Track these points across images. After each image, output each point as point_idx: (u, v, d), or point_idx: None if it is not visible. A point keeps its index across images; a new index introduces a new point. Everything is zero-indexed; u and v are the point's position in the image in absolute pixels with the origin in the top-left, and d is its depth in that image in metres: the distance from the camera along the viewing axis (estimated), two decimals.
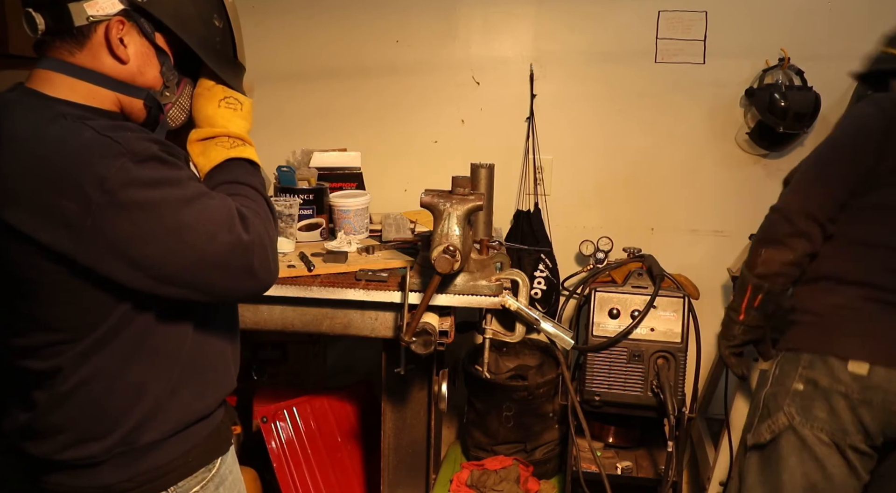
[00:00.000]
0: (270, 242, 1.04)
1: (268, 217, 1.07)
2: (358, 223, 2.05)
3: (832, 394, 1.40)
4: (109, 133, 0.90)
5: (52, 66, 0.98)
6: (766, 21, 2.31)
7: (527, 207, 2.49)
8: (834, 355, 1.41)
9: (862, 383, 1.37)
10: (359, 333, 1.73)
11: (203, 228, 0.94)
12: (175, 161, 0.96)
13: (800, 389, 1.44)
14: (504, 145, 2.50)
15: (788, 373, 1.47)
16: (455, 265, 1.45)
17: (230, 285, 1.00)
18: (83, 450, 1.00)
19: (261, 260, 1.00)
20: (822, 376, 1.41)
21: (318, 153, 2.29)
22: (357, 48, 2.55)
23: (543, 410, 2.27)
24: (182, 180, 0.95)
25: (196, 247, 0.94)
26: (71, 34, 0.97)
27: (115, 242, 0.89)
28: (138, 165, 0.89)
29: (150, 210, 0.90)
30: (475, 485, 2.14)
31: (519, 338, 1.65)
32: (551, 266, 2.44)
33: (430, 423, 1.85)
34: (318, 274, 1.74)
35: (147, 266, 0.92)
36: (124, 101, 1.04)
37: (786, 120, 2.18)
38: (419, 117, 2.56)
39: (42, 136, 0.89)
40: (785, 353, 1.51)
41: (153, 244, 0.91)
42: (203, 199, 0.97)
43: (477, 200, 1.49)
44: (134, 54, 1.01)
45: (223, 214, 0.98)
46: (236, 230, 0.98)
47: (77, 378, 0.97)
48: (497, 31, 2.48)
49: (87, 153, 0.88)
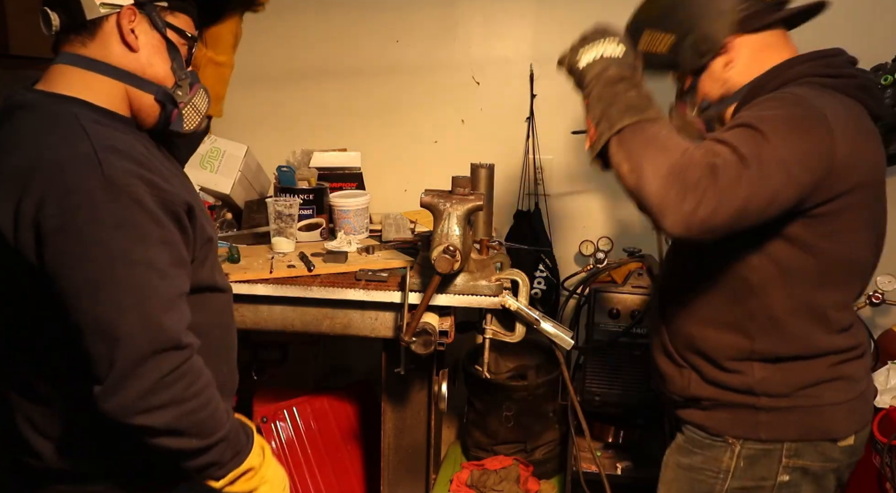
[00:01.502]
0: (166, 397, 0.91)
1: (190, 398, 0.94)
2: (358, 223, 2.05)
3: (825, 475, 1.23)
4: (102, 153, 0.89)
5: (65, 60, 1.00)
6: None
7: (527, 207, 2.49)
8: (827, 438, 1.21)
9: (849, 451, 1.24)
10: (359, 333, 1.73)
11: (120, 298, 0.87)
12: (157, 214, 0.91)
13: (785, 480, 1.22)
14: (504, 145, 2.50)
15: (767, 466, 1.23)
16: (455, 265, 1.45)
17: (92, 367, 0.89)
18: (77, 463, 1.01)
19: (136, 391, 0.88)
20: (814, 461, 1.21)
21: (318, 153, 2.29)
22: (357, 48, 2.55)
23: (543, 410, 2.27)
24: (146, 237, 0.90)
25: (99, 310, 0.87)
26: (84, 27, 0.99)
27: (44, 259, 0.87)
28: (110, 199, 0.87)
29: (85, 246, 0.86)
30: (475, 485, 2.14)
31: (519, 338, 1.65)
32: (551, 266, 2.44)
33: (430, 423, 1.85)
34: (318, 274, 1.74)
35: (59, 297, 0.88)
36: (134, 96, 1.03)
37: None
38: (419, 117, 2.56)
39: (43, 142, 0.90)
40: (748, 442, 1.23)
41: (67, 281, 0.87)
42: (148, 272, 0.89)
43: (477, 200, 1.49)
44: (144, 44, 1.02)
45: (154, 303, 0.89)
46: (151, 333, 0.88)
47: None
48: (497, 31, 2.48)
49: (69, 167, 0.87)
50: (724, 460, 1.24)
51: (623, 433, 2.27)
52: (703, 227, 1.00)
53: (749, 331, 1.19)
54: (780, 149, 1.02)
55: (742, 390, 1.21)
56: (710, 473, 1.26)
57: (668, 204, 1.00)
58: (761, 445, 1.22)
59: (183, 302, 0.95)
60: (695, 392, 1.27)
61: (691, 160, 1.01)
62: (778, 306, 1.16)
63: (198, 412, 0.94)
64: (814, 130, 1.05)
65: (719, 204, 0.99)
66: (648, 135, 1.06)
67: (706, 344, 1.24)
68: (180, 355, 0.93)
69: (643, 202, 1.04)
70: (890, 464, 1.78)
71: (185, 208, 0.99)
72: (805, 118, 1.06)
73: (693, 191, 0.99)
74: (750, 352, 1.19)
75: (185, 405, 0.92)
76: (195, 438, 0.94)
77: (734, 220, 1.02)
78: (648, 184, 1.02)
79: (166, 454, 0.95)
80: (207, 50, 1.34)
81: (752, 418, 1.21)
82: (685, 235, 1.01)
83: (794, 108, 1.07)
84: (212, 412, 0.96)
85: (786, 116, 1.06)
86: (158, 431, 0.91)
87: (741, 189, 1.00)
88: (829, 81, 1.15)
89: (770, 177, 1.01)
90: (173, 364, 0.91)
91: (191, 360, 0.94)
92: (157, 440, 0.92)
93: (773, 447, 1.21)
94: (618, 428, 2.27)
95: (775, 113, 1.07)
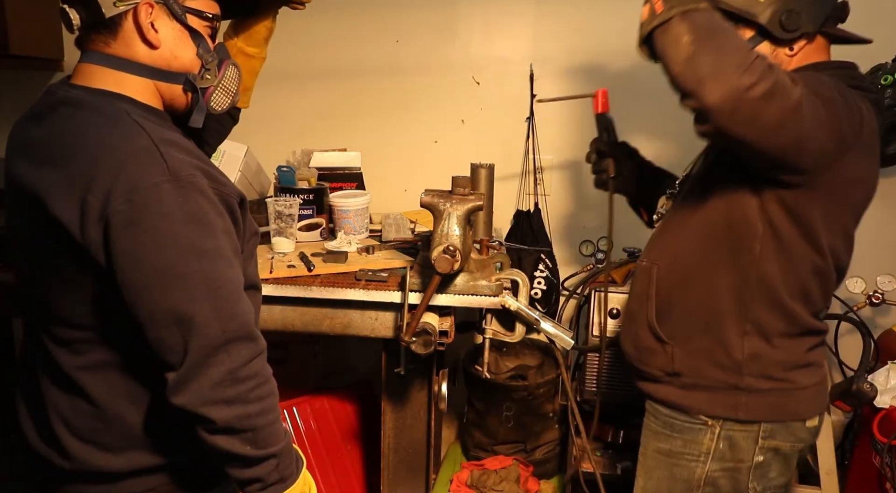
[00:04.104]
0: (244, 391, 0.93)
1: (255, 397, 0.94)
2: (358, 223, 2.05)
3: (792, 455, 1.30)
4: (162, 147, 0.90)
5: (92, 58, 1.00)
6: None
7: (527, 207, 2.49)
8: (798, 419, 1.27)
9: (813, 432, 1.30)
10: (359, 333, 1.73)
11: (193, 288, 0.89)
12: (218, 205, 0.93)
13: (760, 460, 1.27)
14: (504, 145, 2.50)
15: (745, 447, 1.27)
16: (455, 265, 1.45)
17: (161, 351, 0.90)
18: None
19: (209, 379, 0.89)
20: (784, 441, 1.27)
21: (318, 153, 2.29)
22: (357, 48, 2.55)
23: (543, 410, 2.27)
24: (212, 228, 0.92)
25: (172, 301, 0.88)
26: (104, 25, 0.98)
27: (112, 253, 0.88)
28: (177, 191, 0.88)
29: (157, 239, 0.87)
30: (475, 485, 2.14)
31: (519, 338, 1.65)
32: (551, 266, 2.44)
33: (430, 423, 1.85)
34: (318, 274, 1.74)
35: (127, 290, 0.89)
36: (163, 89, 1.03)
37: None
38: (419, 117, 2.56)
39: (100, 137, 0.90)
40: (727, 423, 1.26)
41: (140, 273, 0.88)
42: (219, 262, 0.91)
43: (477, 200, 1.49)
44: (165, 38, 1.00)
45: (226, 292, 0.91)
46: (224, 321, 0.90)
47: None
48: (497, 31, 2.47)
49: (132, 160, 0.88)
50: (705, 442, 1.27)
51: (623, 433, 2.27)
52: (750, 109, 0.99)
53: (746, 301, 1.23)
54: (832, 104, 1.08)
55: (729, 368, 1.25)
56: (691, 456, 1.29)
57: (725, 73, 0.99)
58: (740, 426, 1.26)
59: (244, 293, 0.97)
60: (678, 367, 1.30)
61: (758, 56, 1.03)
62: (776, 278, 1.21)
63: (258, 418, 0.93)
64: (853, 105, 1.12)
65: (775, 94, 0.99)
66: (719, 24, 1.08)
67: (702, 317, 1.27)
68: (252, 347, 0.94)
69: (695, 70, 1.02)
70: (890, 464, 1.78)
71: (238, 200, 1.00)
72: (847, 97, 1.13)
73: (753, 72, 0.99)
74: (744, 324, 1.23)
75: (248, 407, 0.92)
76: (249, 444, 0.93)
77: (779, 123, 1.01)
78: (707, 54, 1.01)
79: (217, 454, 0.94)
80: (238, 40, 1.32)
81: (733, 398, 1.25)
82: (728, 108, 0.99)
83: (837, 85, 1.14)
84: (271, 423, 0.96)
85: (833, 88, 1.12)
86: (218, 426, 0.91)
87: (796, 98, 1.02)
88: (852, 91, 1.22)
89: (819, 110, 1.06)
90: (245, 356, 0.92)
91: (262, 359, 0.96)
92: (213, 437, 0.92)
93: (750, 427, 1.25)
94: (618, 428, 2.27)
95: (824, 84, 1.11)
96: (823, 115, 1.07)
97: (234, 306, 0.92)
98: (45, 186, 0.89)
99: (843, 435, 2.23)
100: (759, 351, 1.24)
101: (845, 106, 1.11)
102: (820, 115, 1.06)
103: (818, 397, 1.31)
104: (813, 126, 1.06)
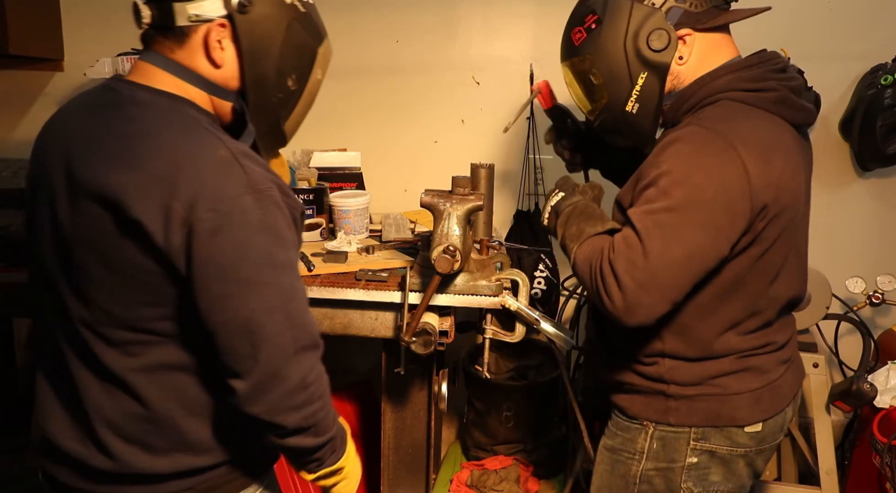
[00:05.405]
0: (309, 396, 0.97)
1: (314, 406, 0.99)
2: (358, 223, 2.05)
3: (732, 459, 1.27)
4: (241, 159, 0.92)
5: (154, 60, 1.00)
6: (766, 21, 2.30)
7: (527, 207, 2.49)
8: (733, 425, 1.25)
9: (757, 438, 1.27)
10: (359, 333, 1.73)
11: (268, 298, 0.92)
12: (289, 218, 0.96)
13: (694, 461, 1.26)
14: (504, 145, 2.50)
15: (676, 448, 1.27)
16: (455, 265, 1.45)
17: (230, 359, 0.93)
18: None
19: (283, 389, 0.94)
20: (720, 445, 1.26)
21: (318, 153, 2.29)
22: (357, 48, 2.55)
23: (543, 410, 2.27)
24: (285, 240, 0.95)
25: (248, 310, 0.91)
26: (173, 32, 0.98)
27: (193, 259, 0.89)
28: (256, 203, 0.90)
29: (239, 249, 0.90)
30: (475, 485, 2.14)
31: (519, 338, 1.65)
32: (551, 266, 2.43)
33: (430, 423, 1.85)
34: (318, 274, 1.74)
35: (203, 296, 0.90)
36: (216, 102, 1.04)
37: None
38: (419, 117, 2.56)
39: (179, 144, 0.91)
40: (660, 426, 1.28)
41: (220, 281, 0.90)
42: (291, 274, 0.95)
43: (477, 200, 1.49)
44: (229, 59, 1.01)
45: (297, 304, 0.96)
46: (295, 331, 0.94)
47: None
48: (497, 31, 2.48)
49: (216, 171, 0.90)
50: (640, 441, 1.30)
51: None
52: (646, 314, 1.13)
53: (661, 333, 1.24)
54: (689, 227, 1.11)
55: (654, 378, 1.27)
56: (628, 454, 1.32)
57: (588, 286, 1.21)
58: (671, 428, 1.27)
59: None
60: (617, 378, 1.33)
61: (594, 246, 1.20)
62: (686, 313, 1.21)
63: (320, 413, 0.99)
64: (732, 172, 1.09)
65: (618, 287, 1.12)
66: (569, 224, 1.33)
67: (625, 341, 1.29)
68: (317, 354, 0.99)
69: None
70: (890, 464, 1.79)
71: (300, 213, 1.02)
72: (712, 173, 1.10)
73: (587, 278, 1.18)
74: (661, 351, 1.25)
75: (314, 405, 0.97)
76: (312, 436, 0.99)
77: (673, 291, 1.13)
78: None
79: (283, 449, 1.01)
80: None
81: (663, 403, 1.27)
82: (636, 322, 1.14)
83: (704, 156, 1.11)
84: (328, 412, 1.02)
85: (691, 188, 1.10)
86: (289, 430, 0.96)
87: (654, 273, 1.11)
88: (748, 96, 1.17)
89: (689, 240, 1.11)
90: (312, 363, 0.97)
91: (320, 359, 1.00)
92: (284, 440, 0.98)
93: (681, 430, 1.26)
94: None
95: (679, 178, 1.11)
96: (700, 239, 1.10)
97: (304, 315, 0.97)
98: (121, 186, 0.89)
99: (843, 435, 2.23)
100: (678, 365, 1.25)
101: (723, 195, 1.09)
102: (679, 248, 1.10)
103: (759, 403, 1.25)
104: (689, 253, 1.11)
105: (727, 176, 1.09)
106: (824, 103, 2.21)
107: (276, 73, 1.04)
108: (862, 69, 2.22)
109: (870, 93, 2.14)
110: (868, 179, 2.32)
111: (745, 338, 1.23)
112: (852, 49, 2.23)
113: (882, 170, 2.28)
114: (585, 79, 1.29)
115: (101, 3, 2.60)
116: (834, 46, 2.26)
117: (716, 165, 1.09)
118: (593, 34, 1.24)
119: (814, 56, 2.24)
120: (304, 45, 1.07)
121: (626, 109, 1.26)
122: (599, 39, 1.23)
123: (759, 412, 1.25)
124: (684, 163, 1.11)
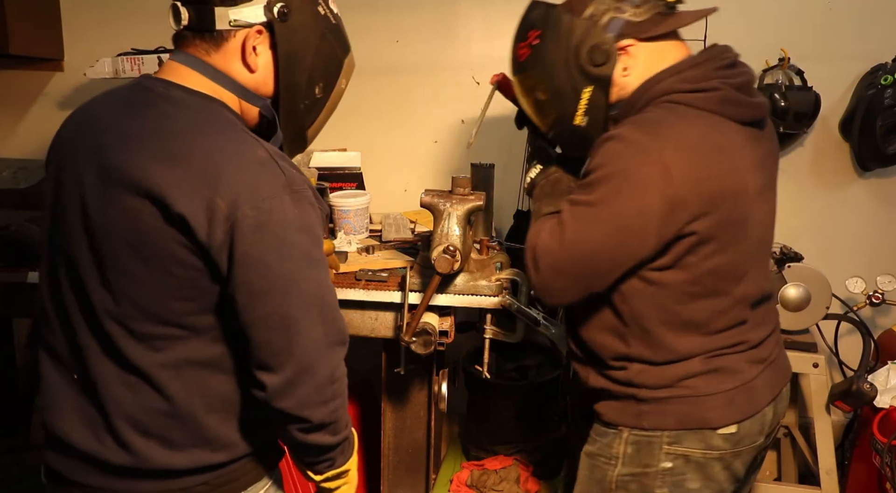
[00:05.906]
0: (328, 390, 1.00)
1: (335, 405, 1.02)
2: (358, 223, 2.05)
3: (707, 463, 1.25)
4: (278, 160, 0.95)
5: (188, 61, 1.01)
6: (766, 21, 2.31)
7: (527, 207, 2.49)
8: (706, 427, 1.23)
9: (732, 440, 1.24)
10: (359, 333, 1.73)
11: (305, 295, 0.95)
12: (320, 218, 0.99)
13: (668, 466, 1.25)
14: (504, 145, 2.50)
15: (650, 453, 1.26)
16: (455, 265, 1.45)
17: (265, 353, 0.95)
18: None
19: (313, 384, 0.97)
20: (694, 449, 1.24)
21: (318, 153, 2.29)
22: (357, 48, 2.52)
23: (543, 410, 2.27)
24: (318, 239, 0.98)
25: (287, 306, 0.94)
26: (211, 35, 0.99)
27: (235, 255, 0.90)
28: (294, 203, 0.93)
29: (280, 246, 0.92)
30: (475, 485, 2.14)
31: (519, 338, 1.65)
32: None
33: (430, 423, 1.85)
34: None
35: (243, 291, 0.92)
36: (244, 106, 1.05)
37: (786, 120, 2.17)
38: (419, 117, 2.56)
39: (222, 142, 0.93)
40: (634, 430, 1.26)
41: (261, 276, 0.92)
42: (324, 270, 0.99)
43: (477, 200, 1.49)
44: (263, 64, 1.03)
45: (329, 300, 0.99)
46: (327, 327, 0.98)
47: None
48: (497, 31, 2.47)
49: (257, 171, 0.92)
50: (615, 446, 1.29)
51: None
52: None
53: (625, 337, 1.24)
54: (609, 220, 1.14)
55: (624, 383, 1.27)
56: (604, 459, 1.31)
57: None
58: (645, 432, 1.26)
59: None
60: (593, 384, 1.33)
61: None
62: (648, 317, 1.21)
63: (341, 409, 1.03)
64: (644, 182, 1.10)
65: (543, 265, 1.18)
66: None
67: (594, 346, 1.29)
68: (344, 350, 1.03)
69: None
70: (890, 464, 1.79)
71: (326, 215, 1.04)
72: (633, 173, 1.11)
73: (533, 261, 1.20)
74: (626, 354, 1.25)
75: (338, 400, 1.01)
76: (330, 434, 1.02)
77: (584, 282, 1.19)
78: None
79: (302, 448, 1.03)
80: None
81: (636, 408, 1.26)
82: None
83: (625, 162, 1.12)
84: (346, 410, 1.05)
85: (611, 188, 1.13)
86: (314, 425, 0.99)
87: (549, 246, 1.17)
88: (688, 97, 1.17)
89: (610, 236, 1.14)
90: (340, 359, 1.01)
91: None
92: (307, 435, 1.00)
93: (654, 434, 1.25)
94: None
95: (604, 178, 1.14)
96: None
97: (335, 311, 1.00)
98: (164, 181, 0.89)
99: (843, 435, 2.23)
100: (645, 369, 1.24)
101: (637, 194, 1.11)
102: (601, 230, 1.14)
103: (732, 404, 1.23)
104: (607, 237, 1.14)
105: (645, 178, 1.10)
106: (824, 103, 2.21)
107: (307, 80, 1.08)
108: (862, 69, 2.21)
109: (870, 93, 2.14)
110: (868, 179, 2.32)
111: (711, 338, 1.22)
112: (852, 49, 2.22)
113: (882, 170, 2.28)
114: (534, 94, 1.31)
115: (101, 3, 2.60)
116: (834, 46, 2.25)
117: (636, 167, 1.11)
118: (536, 50, 1.26)
119: (814, 56, 2.24)
120: (333, 55, 1.13)
121: (574, 122, 1.27)
122: (542, 56, 1.25)
123: (734, 414, 1.23)
124: (609, 161, 1.13)
